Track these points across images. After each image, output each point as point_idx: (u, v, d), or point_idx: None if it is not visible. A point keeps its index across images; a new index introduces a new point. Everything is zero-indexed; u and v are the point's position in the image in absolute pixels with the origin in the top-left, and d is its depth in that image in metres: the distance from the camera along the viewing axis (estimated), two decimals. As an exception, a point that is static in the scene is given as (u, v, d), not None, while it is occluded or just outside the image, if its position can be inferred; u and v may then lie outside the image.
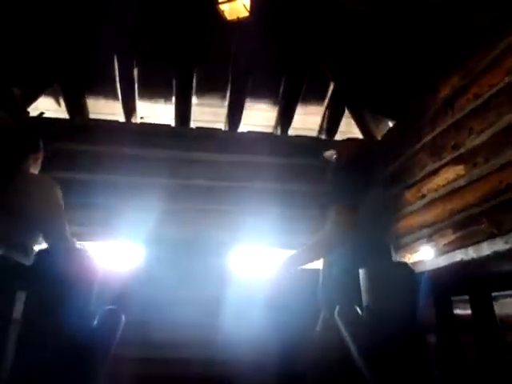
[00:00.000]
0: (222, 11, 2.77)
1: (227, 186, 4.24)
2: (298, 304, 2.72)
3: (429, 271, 1.56)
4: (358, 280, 1.97)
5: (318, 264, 2.43)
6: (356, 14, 3.61)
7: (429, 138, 3.61)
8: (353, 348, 1.72)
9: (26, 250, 2.05)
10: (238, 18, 2.77)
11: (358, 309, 1.82)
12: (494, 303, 1.43)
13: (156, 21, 3.80)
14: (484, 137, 2.94)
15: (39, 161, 2.43)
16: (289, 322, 2.98)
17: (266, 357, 3.05)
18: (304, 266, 2.31)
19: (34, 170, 2.38)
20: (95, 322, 1.66)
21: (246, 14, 2.77)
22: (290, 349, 2.91)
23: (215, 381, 3.17)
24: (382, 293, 1.69)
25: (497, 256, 1.79)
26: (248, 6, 2.77)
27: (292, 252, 2.44)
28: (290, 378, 2.86)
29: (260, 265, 4.25)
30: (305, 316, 2.49)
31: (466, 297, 1.45)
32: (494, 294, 1.40)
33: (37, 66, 3.99)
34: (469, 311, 1.51)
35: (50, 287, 1.57)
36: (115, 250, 4.13)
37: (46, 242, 2.14)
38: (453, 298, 1.54)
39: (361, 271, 1.69)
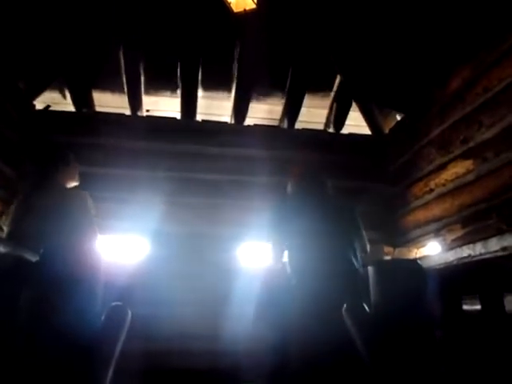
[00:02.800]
0: (229, 4, 2.73)
1: (233, 180, 4.22)
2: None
3: (438, 269, 1.55)
4: None
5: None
6: (363, 7, 3.56)
7: (437, 131, 3.57)
8: (359, 343, 1.71)
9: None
10: (244, 10, 2.74)
11: (366, 306, 1.80)
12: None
13: (162, 14, 3.77)
14: (494, 131, 2.90)
15: (73, 174, 2.57)
16: (289, 317, 2.99)
17: (268, 349, 3.06)
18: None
19: (70, 181, 2.50)
20: (102, 319, 1.66)
21: (253, 6, 2.73)
22: (290, 342, 2.92)
23: (218, 373, 3.19)
24: (390, 290, 1.68)
25: (507, 255, 1.76)
26: (255, -2, 2.74)
27: None
28: (292, 370, 2.88)
29: (265, 260, 4.25)
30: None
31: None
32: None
33: (42, 60, 3.98)
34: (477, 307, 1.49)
35: (56, 284, 1.57)
36: (121, 243, 4.14)
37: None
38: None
39: (369, 269, 1.68)
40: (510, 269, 1.37)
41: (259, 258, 4.20)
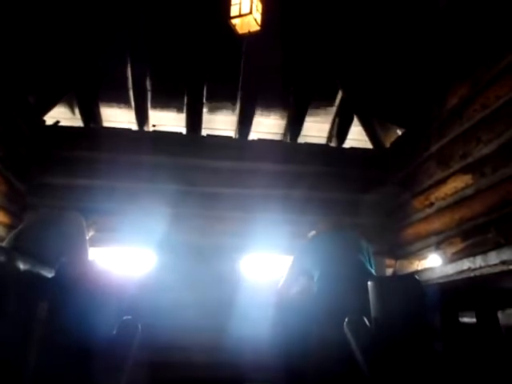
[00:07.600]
0: (234, 25, 2.83)
1: (237, 193, 4.29)
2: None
3: (435, 285, 1.61)
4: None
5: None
6: (364, 24, 3.67)
7: (437, 146, 3.63)
8: (360, 358, 1.76)
9: None
10: (249, 31, 2.83)
11: (367, 320, 1.86)
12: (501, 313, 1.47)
13: (169, 32, 3.88)
14: (492, 147, 2.96)
15: None
16: (294, 328, 3.05)
17: (270, 361, 3.10)
18: None
19: None
20: (114, 332, 1.72)
21: (257, 28, 2.83)
22: (295, 354, 2.97)
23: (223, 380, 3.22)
24: (389, 306, 1.73)
25: (504, 272, 1.83)
26: (259, 20, 2.83)
27: None
28: (295, 381, 2.92)
29: (268, 271, 4.30)
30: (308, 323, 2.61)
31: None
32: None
33: (52, 76, 4.10)
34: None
35: (70, 299, 1.64)
36: (127, 255, 4.20)
37: None
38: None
39: (369, 284, 1.74)
40: (504, 287, 1.43)
41: (261, 268, 4.26)
